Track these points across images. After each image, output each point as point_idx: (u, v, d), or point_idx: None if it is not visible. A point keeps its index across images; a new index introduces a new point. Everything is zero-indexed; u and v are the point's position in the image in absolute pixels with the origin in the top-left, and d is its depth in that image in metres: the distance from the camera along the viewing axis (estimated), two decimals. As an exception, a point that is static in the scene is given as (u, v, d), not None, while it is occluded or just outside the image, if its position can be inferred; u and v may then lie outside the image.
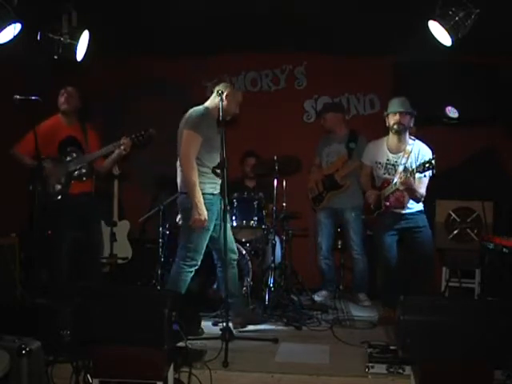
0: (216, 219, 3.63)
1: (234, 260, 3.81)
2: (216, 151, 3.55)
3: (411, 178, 3.73)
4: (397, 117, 3.89)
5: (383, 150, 4.03)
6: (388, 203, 3.90)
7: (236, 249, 3.87)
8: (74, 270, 4.09)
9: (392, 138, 3.99)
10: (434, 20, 3.69)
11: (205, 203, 3.48)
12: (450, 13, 3.56)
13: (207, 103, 3.71)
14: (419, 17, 3.71)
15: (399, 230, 4.01)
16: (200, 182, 3.50)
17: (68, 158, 4.06)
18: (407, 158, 3.91)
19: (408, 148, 3.93)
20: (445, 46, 3.80)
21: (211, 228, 3.60)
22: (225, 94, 3.60)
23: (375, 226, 4.18)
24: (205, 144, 3.52)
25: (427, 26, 3.77)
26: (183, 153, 3.51)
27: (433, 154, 3.85)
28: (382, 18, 4.39)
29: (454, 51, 3.85)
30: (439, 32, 3.73)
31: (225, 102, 3.59)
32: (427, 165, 3.58)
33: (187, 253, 3.57)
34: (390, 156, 3.99)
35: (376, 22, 4.49)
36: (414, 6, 3.78)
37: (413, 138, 3.99)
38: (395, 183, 3.84)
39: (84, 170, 4.09)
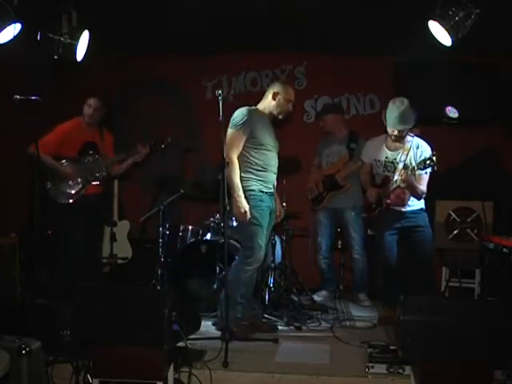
0: (269, 219, 3.69)
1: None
2: (266, 149, 3.65)
3: (412, 175, 3.74)
4: (396, 132, 3.87)
5: (382, 148, 4.03)
6: (389, 200, 3.90)
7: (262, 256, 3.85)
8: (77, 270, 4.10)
9: (391, 137, 3.99)
10: (434, 20, 3.69)
11: (252, 200, 3.56)
12: (450, 13, 3.57)
13: (259, 104, 3.80)
14: (419, 17, 3.71)
15: (400, 228, 4.01)
16: (247, 179, 3.58)
17: (86, 160, 4.12)
18: (406, 155, 3.90)
19: (407, 145, 3.93)
20: (445, 46, 3.80)
21: (265, 225, 3.64)
22: (272, 92, 3.71)
23: (376, 225, 4.18)
24: (251, 141, 3.60)
25: (427, 26, 3.77)
26: (225, 152, 3.52)
27: (432, 151, 3.85)
28: (381, 18, 4.39)
29: (454, 51, 3.85)
30: (439, 32, 3.73)
31: (273, 102, 3.72)
32: (428, 161, 3.58)
33: (245, 251, 3.63)
34: (389, 153, 4.00)
35: (376, 22, 4.49)
36: (413, 6, 3.78)
37: (411, 134, 3.99)
38: (396, 180, 3.84)
39: (101, 174, 4.17)
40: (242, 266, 3.62)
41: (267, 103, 3.76)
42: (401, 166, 3.89)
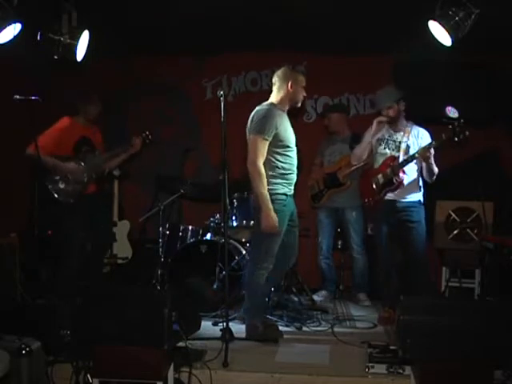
0: (289, 221, 3.62)
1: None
2: (291, 150, 3.56)
3: (429, 151, 3.73)
4: (385, 112, 3.96)
5: (384, 128, 4.08)
6: (399, 178, 3.88)
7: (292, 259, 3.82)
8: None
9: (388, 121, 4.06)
10: (434, 20, 3.70)
11: (277, 204, 3.45)
12: (450, 13, 3.57)
13: (271, 98, 3.62)
14: (419, 17, 3.71)
15: (394, 222, 4.00)
16: (274, 183, 3.47)
17: (86, 157, 4.10)
18: (408, 137, 3.95)
19: (407, 128, 4.00)
20: (445, 46, 3.80)
21: (283, 230, 3.55)
22: (288, 83, 3.53)
23: (374, 217, 4.20)
24: (277, 145, 3.46)
25: (427, 26, 3.77)
26: (250, 159, 3.42)
27: (431, 136, 3.94)
28: (381, 17, 4.39)
29: (454, 51, 3.85)
30: (439, 32, 3.73)
31: (291, 92, 3.55)
32: (429, 147, 3.68)
33: (258, 255, 3.55)
34: (392, 132, 4.05)
35: (376, 22, 4.49)
36: (414, 5, 3.79)
37: (410, 122, 4.05)
38: (402, 161, 3.87)
39: (102, 170, 4.19)
40: (257, 271, 3.53)
41: (284, 94, 3.55)
42: (404, 146, 3.93)
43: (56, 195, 3.98)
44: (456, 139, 3.58)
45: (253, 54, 5.67)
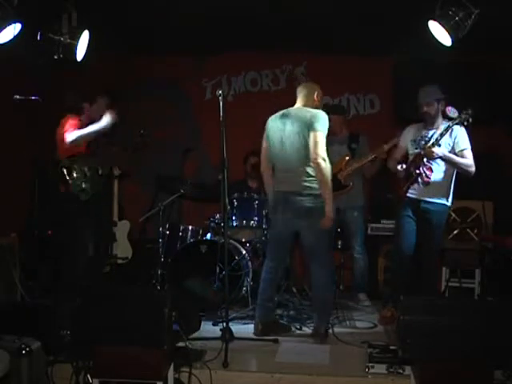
0: None
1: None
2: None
3: (433, 148, 3.71)
4: (424, 108, 3.87)
5: (419, 129, 4.01)
6: (418, 171, 3.84)
7: None
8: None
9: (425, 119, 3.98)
10: (434, 20, 3.70)
11: (323, 202, 3.49)
12: (450, 13, 3.58)
13: (303, 104, 3.74)
14: (419, 17, 3.72)
15: (415, 220, 3.95)
16: (316, 182, 3.53)
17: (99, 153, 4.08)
18: (440, 135, 3.80)
19: (441, 126, 3.87)
20: (445, 46, 3.80)
21: None
22: (316, 94, 3.72)
23: (396, 212, 4.11)
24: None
25: (427, 26, 3.78)
26: (319, 154, 3.48)
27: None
28: (381, 17, 4.39)
29: (454, 51, 3.85)
30: (439, 32, 3.74)
31: (318, 103, 3.72)
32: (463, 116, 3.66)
33: (328, 252, 3.62)
34: (423, 132, 3.97)
35: (376, 22, 4.49)
36: (414, 5, 3.79)
37: (447, 120, 3.96)
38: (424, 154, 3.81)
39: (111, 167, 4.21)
40: (332, 269, 3.67)
41: (314, 105, 3.71)
42: (432, 141, 3.81)
43: (77, 194, 3.94)
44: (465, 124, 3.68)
45: (253, 53, 5.68)
